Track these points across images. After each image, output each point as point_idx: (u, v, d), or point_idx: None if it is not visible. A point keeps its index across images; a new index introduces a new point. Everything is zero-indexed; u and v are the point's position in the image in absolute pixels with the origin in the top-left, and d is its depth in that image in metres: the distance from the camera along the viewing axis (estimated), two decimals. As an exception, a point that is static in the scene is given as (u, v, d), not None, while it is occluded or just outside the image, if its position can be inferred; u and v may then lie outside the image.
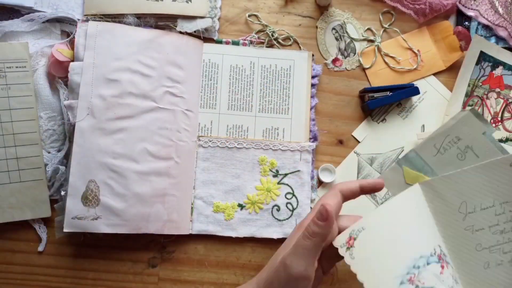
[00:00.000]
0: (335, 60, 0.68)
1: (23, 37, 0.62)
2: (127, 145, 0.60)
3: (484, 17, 0.69)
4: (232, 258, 0.63)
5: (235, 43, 0.67)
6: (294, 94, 0.66)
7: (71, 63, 0.60)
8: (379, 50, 0.69)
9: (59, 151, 0.61)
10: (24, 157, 0.59)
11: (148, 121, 0.61)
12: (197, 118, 0.65)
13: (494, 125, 0.68)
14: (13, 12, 0.63)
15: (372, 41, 0.69)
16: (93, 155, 0.59)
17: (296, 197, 0.64)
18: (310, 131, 0.66)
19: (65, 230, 0.57)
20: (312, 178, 0.65)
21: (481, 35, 0.69)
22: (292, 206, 0.64)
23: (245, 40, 0.67)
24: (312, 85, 0.67)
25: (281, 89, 0.66)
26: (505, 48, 0.69)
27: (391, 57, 0.69)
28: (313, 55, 0.68)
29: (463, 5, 0.69)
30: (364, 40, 0.69)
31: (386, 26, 0.70)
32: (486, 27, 0.70)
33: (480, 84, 0.68)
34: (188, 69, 0.65)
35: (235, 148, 0.64)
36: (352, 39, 0.69)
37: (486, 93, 0.68)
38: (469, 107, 0.67)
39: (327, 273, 0.52)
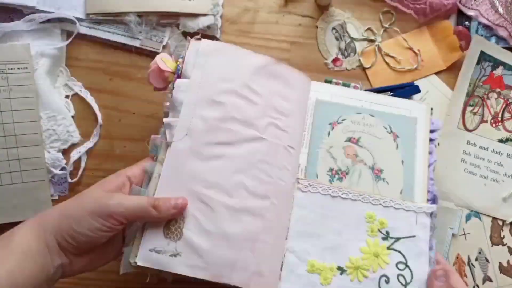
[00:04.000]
0: (335, 60, 0.68)
1: (23, 37, 0.62)
2: (222, 174, 0.52)
3: (484, 17, 0.69)
4: None
5: (346, 85, 0.63)
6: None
7: (178, 80, 0.55)
8: (380, 50, 0.69)
9: (59, 151, 0.61)
10: (26, 158, 0.59)
11: (248, 151, 0.53)
12: (298, 158, 0.57)
13: (494, 125, 0.68)
14: (14, 12, 0.63)
15: (372, 41, 0.69)
16: (184, 180, 0.51)
17: (410, 269, 0.53)
18: (429, 191, 0.57)
19: (139, 263, 0.48)
20: (430, 248, 0.54)
21: (481, 35, 0.69)
22: (405, 279, 0.53)
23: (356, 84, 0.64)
24: (431, 140, 0.59)
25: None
26: (505, 48, 0.69)
27: (391, 57, 0.69)
28: (431, 109, 0.61)
29: (463, 5, 0.69)
30: (364, 40, 0.69)
31: (386, 26, 0.70)
32: (486, 27, 0.70)
33: (481, 84, 0.68)
34: (295, 104, 0.58)
35: (339, 197, 0.55)
36: (353, 39, 0.69)
37: (486, 93, 0.68)
38: (470, 107, 0.67)
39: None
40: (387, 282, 0.53)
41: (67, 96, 0.64)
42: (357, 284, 0.52)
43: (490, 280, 0.65)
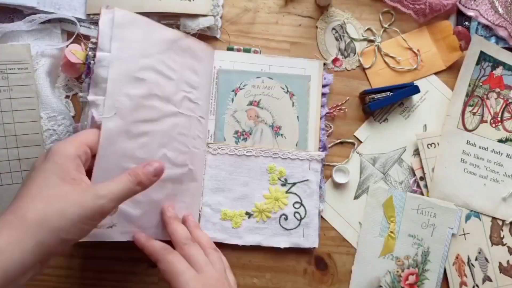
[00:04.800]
0: (335, 60, 0.69)
1: (23, 37, 0.62)
2: (149, 150, 0.56)
3: (484, 17, 0.69)
4: (232, 258, 0.63)
5: (246, 51, 0.67)
6: (305, 102, 0.66)
7: (98, 54, 0.53)
8: (379, 50, 0.69)
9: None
10: (26, 158, 0.59)
11: (169, 126, 0.58)
12: (207, 125, 0.65)
13: (494, 125, 0.68)
14: (15, 12, 0.63)
15: (372, 41, 0.69)
16: (117, 160, 0.53)
17: (304, 207, 0.64)
18: (320, 140, 0.65)
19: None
20: (320, 187, 0.65)
21: (481, 35, 0.69)
22: (300, 215, 0.64)
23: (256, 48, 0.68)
24: (323, 94, 0.66)
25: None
26: (505, 48, 0.69)
27: (391, 57, 0.69)
28: (324, 64, 0.67)
29: (463, 5, 0.69)
30: (364, 40, 0.69)
31: (386, 26, 0.70)
32: (486, 27, 0.70)
33: (481, 84, 0.68)
34: (202, 75, 0.64)
35: (244, 156, 0.64)
36: (352, 39, 0.69)
37: (486, 93, 0.68)
38: (470, 107, 0.67)
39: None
40: (286, 219, 0.64)
41: (67, 96, 0.64)
42: (262, 224, 0.63)
43: (490, 280, 0.65)
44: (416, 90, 0.66)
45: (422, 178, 0.66)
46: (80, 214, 0.43)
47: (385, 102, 0.66)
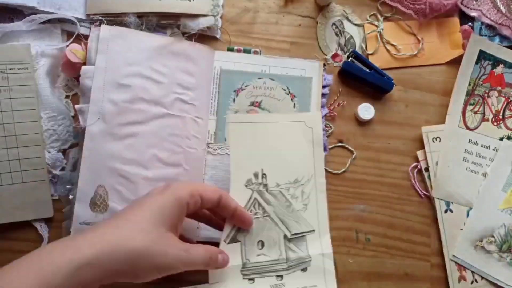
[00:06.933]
0: (335, 56, 0.68)
1: (23, 37, 0.62)
2: (137, 150, 0.59)
3: (487, 17, 0.69)
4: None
5: (247, 51, 0.67)
6: (304, 103, 0.66)
7: (83, 67, 0.60)
8: (381, 37, 0.69)
9: (59, 151, 0.62)
10: (26, 158, 0.59)
11: (158, 127, 0.61)
12: (207, 125, 0.64)
13: (495, 123, 0.68)
14: (15, 12, 0.63)
15: (375, 26, 0.69)
16: (103, 160, 0.58)
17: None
18: None
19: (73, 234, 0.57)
20: None
21: (485, 35, 0.69)
22: None
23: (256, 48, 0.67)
24: (323, 95, 0.66)
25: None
26: (509, 47, 0.69)
27: (392, 45, 0.69)
28: (324, 65, 0.67)
29: (465, 6, 0.69)
30: (369, 23, 0.69)
31: (387, 15, 0.70)
32: (489, 26, 0.70)
33: (481, 82, 0.68)
34: (199, 76, 0.64)
35: None
36: (357, 25, 0.70)
37: (487, 91, 0.68)
38: (470, 106, 0.67)
39: None
40: None
41: (67, 96, 0.64)
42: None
43: (490, 276, 0.65)
44: (389, 86, 0.66)
45: (426, 169, 0.66)
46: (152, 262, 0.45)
47: (357, 71, 0.66)
